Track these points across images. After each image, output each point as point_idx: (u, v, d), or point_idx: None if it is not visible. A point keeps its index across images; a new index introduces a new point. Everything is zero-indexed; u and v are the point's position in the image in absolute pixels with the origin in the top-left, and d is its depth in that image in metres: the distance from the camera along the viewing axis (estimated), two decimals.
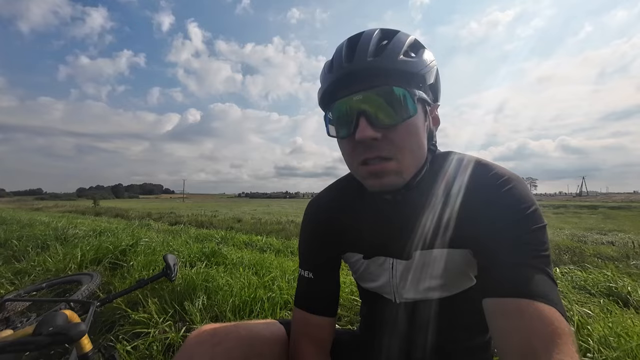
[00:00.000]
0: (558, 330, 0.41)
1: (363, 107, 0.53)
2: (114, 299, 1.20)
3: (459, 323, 0.66)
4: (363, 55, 0.53)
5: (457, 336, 0.67)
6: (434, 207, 0.59)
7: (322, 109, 0.62)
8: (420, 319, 0.66)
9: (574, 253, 4.49)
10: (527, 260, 0.47)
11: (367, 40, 0.55)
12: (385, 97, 0.52)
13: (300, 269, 0.74)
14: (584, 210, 23.55)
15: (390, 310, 0.69)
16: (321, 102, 0.60)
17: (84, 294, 1.80)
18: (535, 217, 0.51)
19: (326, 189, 0.77)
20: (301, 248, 0.76)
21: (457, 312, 0.65)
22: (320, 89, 0.60)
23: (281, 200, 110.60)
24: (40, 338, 0.61)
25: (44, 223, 5.84)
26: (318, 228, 0.73)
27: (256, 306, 1.77)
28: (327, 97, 0.58)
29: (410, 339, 0.69)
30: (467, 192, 0.56)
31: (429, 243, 0.60)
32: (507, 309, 0.45)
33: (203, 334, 0.61)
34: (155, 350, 1.38)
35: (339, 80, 0.55)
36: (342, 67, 0.54)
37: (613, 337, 1.26)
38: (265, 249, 4.42)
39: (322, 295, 0.71)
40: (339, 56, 0.56)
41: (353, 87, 0.54)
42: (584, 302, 2.02)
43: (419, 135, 0.55)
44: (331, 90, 0.56)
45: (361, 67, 0.53)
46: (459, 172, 0.59)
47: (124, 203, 43.12)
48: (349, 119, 0.54)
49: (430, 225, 0.60)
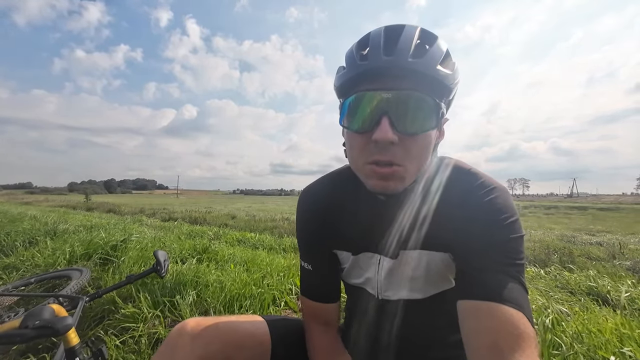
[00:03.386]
0: (523, 334, 0.45)
1: (390, 106, 0.50)
2: (103, 294, 1.21)
3: (437, 322, 0.68)
4: (405, 52, 0.50)
5: (434, 334, 0.70)
6: (422, 211, 0.61)
7: (339, 94, 0.58)
8: (400, 315, 0.68)
9: (563, 253, 4.58)
10: (502, 267, 0.50)
11: (410, 38, 0.52)
12: (414, 103, 0.51)
13: (300, 259, 0.77)
14: (574, 211, 23.95)
15: (372, 305, 0.71)
16: (343, 86, 0.56)
17: (73, 289, 1.80)
18: (515, 227, 0.53)
19: (320, 180, 0.76)
20: (298, 239, 0.77)
21: (436, 312, 0.67)
22: (345, 73, 0.55)
23: (276, 197, 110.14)
24: (26, 331, 0.61)
25: (33, 217, 5.76)
26: (311, 218, 0.74)
27: (245, 302, 1.79)
28: (351, 83, 0.54)
29: (389, 334, 0.71)
30: (453, 198, 0.59)
31: (414, 244, 0.63)
32: (479, 310, 0.49)
33: (184, 328, 0.63)
34: (143, 345, 1.39)
35: (371, 71, 0.51)
36: (379, 58, 0.50)
37: (585, 333, 1.32)
38: (257, 246, 4.44)
39: (322, 286, 0.75)
40: (376, 45, 0.52)
41: (385, 82, 0.50)
42: (564, 301, 2.09)
43: (430, 147, 0.55)
44: (360, 79, 0.52)
45: (399, 65, 0.49)
46: (448, 179, 0.61)
47: (116, 198, 42.52)
48: (371, 115, 0.51)
49: (416, 228, 0.62)
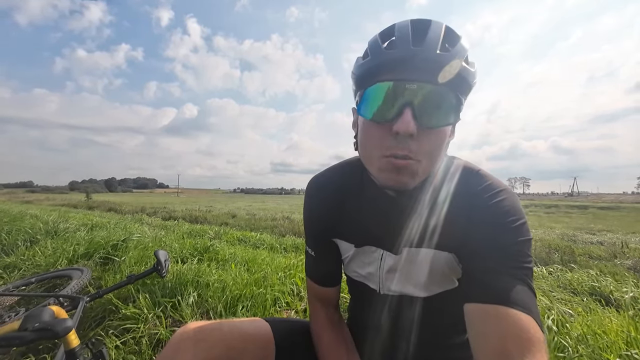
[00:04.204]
0: (533, 338, 0.44)
1: (414, 98, 0.49)
2: (103, 294, 1.20)
3: (439, 322, 0.68)
4: (434, 44, 0.49)
5: (436, 333, 0.69)
6: (428, 209, 0.61)
7: (359, 83, 0.56)
8: (401, 312, 0.68)
9: (564, 252, 4.58)
10: (510, 270, 0.49)
11: (438, 32, 0.51)
12: (438, 97, 0.50)
13: (305, 244, 0.79)
14: (574, 210, 23.94)
15: (374, 300, 0.71)
16: (365, 75, 0.54)
17: (73, 288, 1.79)
18: (522, 230, 0.53)
19: (328, 170, 0.76)
20: (305, 226, 0.78)
21: (439, 312, 0.66)
22: (368, 61, 0.53)
23: (277, 196, 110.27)
24: (26, 334, 0.60)
25: (34, 216, 5.76)
26: (317, 207, 0.74)
27: (247, 302, 1.78)
28: (374, 72, 0.52)
29: (391, 330, 0.71)
30: (460, 199, 0.58)
31: (417, 242, 0.62)
32: (486, 314, 0.48)
33: (187, 331, 0.62)
34: (144, 346, 1.38)
35: (398, 60, 0.50)
36: (408, 48, 0.49)
37: (590, 335, 1.30)
38: (258, 245, 4.43)
39: (324, 272, 0.77)
40: (404, 35, 0.51)
41: (411, 73, 0.49)
42: (567, 301, 2.08)
43: (444, 144, 0.54)
44: (384, 67, 0.51)
45: (428, 57, 0.49)
46: (457, 179, 0.60)
47: (117, 197, 42.58)
48: (393, 105, 0.50)
49: (422, 226, 0.61)
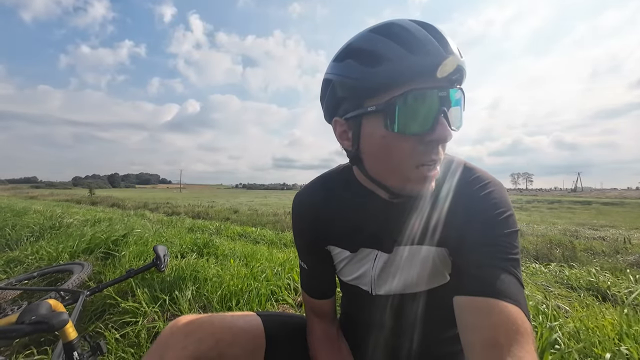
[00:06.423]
0: (521, 329, 0.45)
1: (447, 105, 0.50)
2: (103, 289, 1.22)
3: (433, 317, 0.68)
4: (457, 50, 0.49)
5: (430, 330, 0.70)
6: (418, 206, 0.61)
7: (368, 93, 0.51)
8: (394, 311, 0.68)
9: (566, 248, 4.56)
10: (498, 262, 0.50)
11: (447, 35, 0.50)
12: (462, 101, 0.52)
13: (298, 259, 0.80)
14: (577, 205, 23.81)
15: (367, 302, 0.71)
16: (385, 83, 0.49)
17: (74, 283, 1.83)
18: (509, 222, 0.53)
19: (312, 183, 0.77)
20: (295, 242, 0.80)
21: (431, 307, 0.67)
22: (388, 69, 0.48)
23: (278, 191, 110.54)
24: (22, 326, 0.62)
25: (38, 212, 5.83)
26: (303, 223, 0.74)
27: (243, 297, 1.80)
28: (399, 80, 0.48)
29: (384, 327, 0.72)
30: (449, 194, 0.59)
31: (409, 239, 0.63)
32: (476, 306, 0.48)
33: (178, 325, 0.64)
34: (142, 339, 1.41)
35: (432, 67, 0.47)
36: (441, 54, 0.47)
37: (583, 330, 1.31)
38: (258, 241, 4.47)
39: (318, 284, 0.77)
40: (429, 41, 0.48)
41: (440, 80, 0.49)
42: (563, 296, 2.09)
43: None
44: (413, 75, 0.48)
45: (459, 63, 0.49)
46: (448, 174, 0.61)
47: (120, 192, 42.93)
48: (429, 115, 0.49)
49: (413, 223, 0.61)
